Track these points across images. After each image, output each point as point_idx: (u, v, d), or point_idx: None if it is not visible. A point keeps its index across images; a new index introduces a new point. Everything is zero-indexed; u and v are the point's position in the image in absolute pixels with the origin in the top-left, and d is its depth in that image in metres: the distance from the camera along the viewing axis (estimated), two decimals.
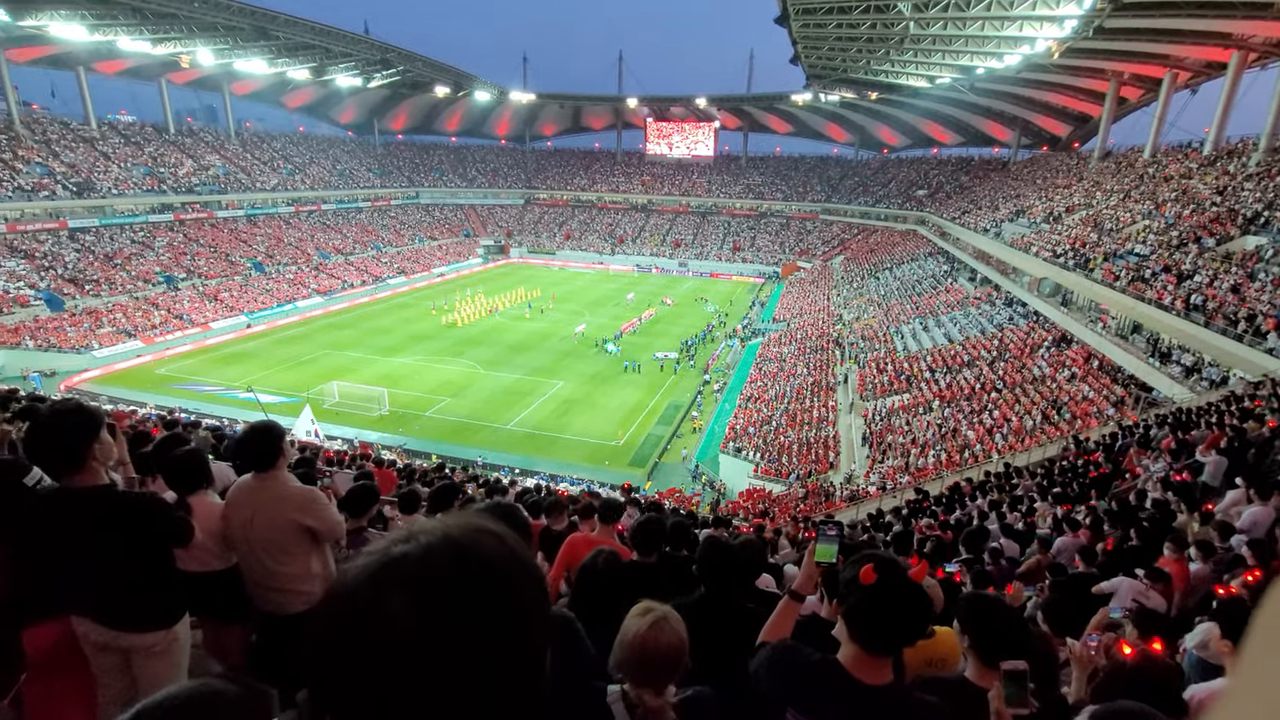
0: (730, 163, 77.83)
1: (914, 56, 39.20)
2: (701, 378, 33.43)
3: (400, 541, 0.64)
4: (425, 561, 0.61)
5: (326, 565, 3.47)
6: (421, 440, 25.07)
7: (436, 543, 0.63)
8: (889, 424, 22.62)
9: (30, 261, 37.25)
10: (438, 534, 0.64)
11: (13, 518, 2.58)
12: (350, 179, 66.58)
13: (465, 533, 0.65)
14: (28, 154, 42.71)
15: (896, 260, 47.86)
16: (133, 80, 53.09)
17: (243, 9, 39.82)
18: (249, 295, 43.21)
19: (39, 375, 28.72)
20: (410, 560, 0.61)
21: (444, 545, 0.63)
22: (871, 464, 20.44)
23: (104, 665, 2.73)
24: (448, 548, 0.63)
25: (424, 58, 56.29)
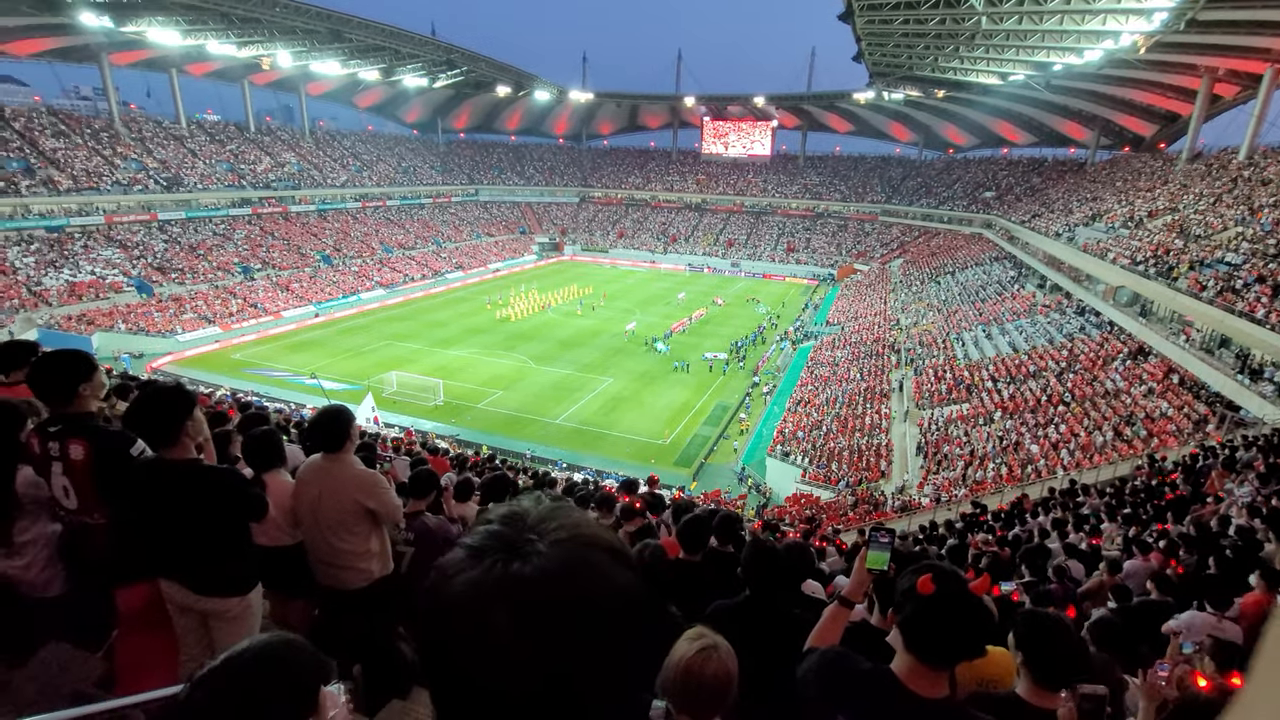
0: (787, 162, 76.60)
1: (985, 53, 37.60)
2: (750, 379, 33.08)
3: (510, 553, 0.61)
4: (541, 584, 0.59)
5: (384, 545, 3.65)
6: (473, 431, 25.75)
7: (553, 565, 0.61)
8: (946, 434, 21.84)
9: (124, 251, 40.17)
10: (555, 553, 0.61)
11: (119, 485, 2.82)
12: (414, 176, 68.89)
13: (582, 550, 0.63)
14: (125, 151, 46.03)
15: (959, 264, 46.09)
16: (218, 81, 56.46)
17: (320, 12, 41.75)
18: (317, 286, 45.33)
19: (128, 357, 30.95)
20: (526, 581, 0.59)
21: (561, 567, 0.61)
22: (925, 474, 19.79)
23: (185, 626, 2.96)
24: (565, 569, 0.61)
25: (487, 58, 57.66)
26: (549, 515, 0.66)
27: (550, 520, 0.65)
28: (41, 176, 39.55)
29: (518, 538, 0.63)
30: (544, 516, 0.66)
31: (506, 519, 0.66)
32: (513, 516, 0.66)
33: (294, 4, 40.73)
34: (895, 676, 1.57)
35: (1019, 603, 4.75)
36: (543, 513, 0.67)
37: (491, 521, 0.66)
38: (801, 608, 2.80)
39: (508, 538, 0.63)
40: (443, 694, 0.61)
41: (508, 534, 0.63)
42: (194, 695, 0.93)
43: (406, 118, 76.08)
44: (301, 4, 40.87)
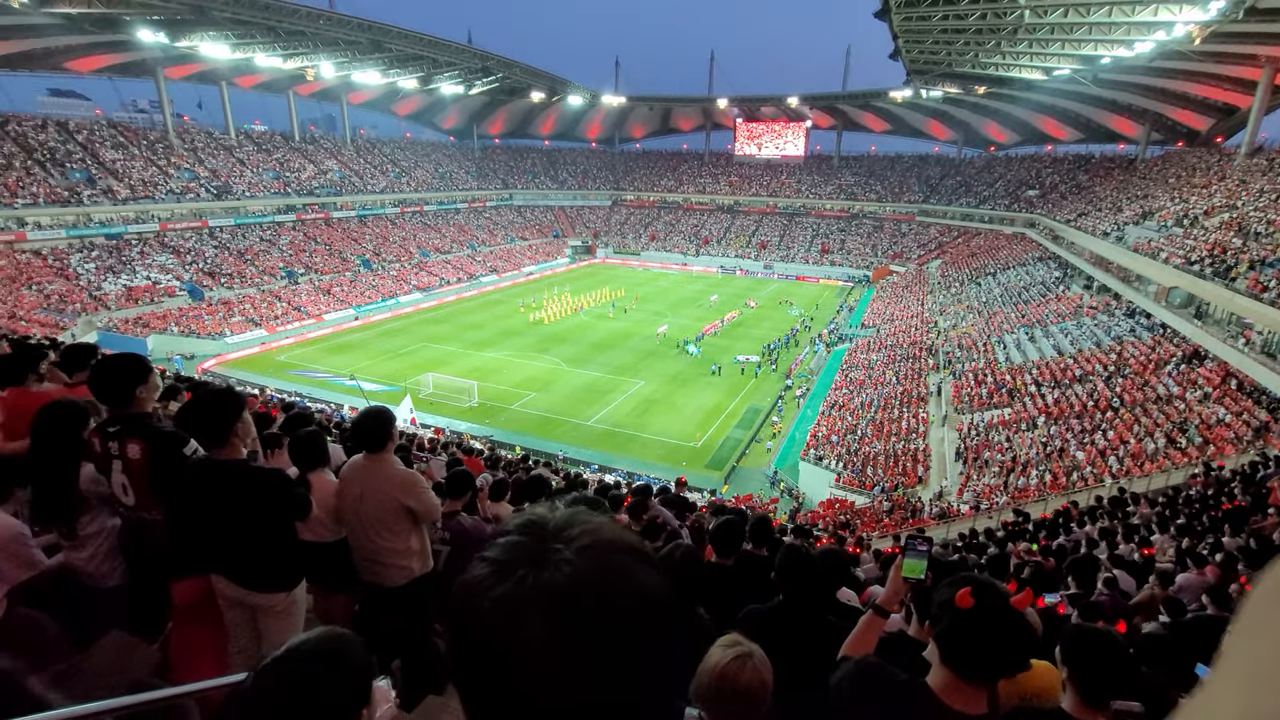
0: (821, 162, 75.65)
1: (1028, 47, 36.53)
2: (783, 382, 32.73)
3: (538, 564, 0.61)
4: (574, 593, 0.59)
5: (424, 543, 3.73)
6: (507, 432, 26.08)
7: (583, 573, 0.60)
8: (986, 439, 21.24)
9: (177, 256, 41.93)
10: (583, 561, 0.61)
11: (172, 483, 2.96)
12: (450, 181, 70.21)
13: (609, 555, 0.63)
14: (179, 161, 48.08)
15: (1001, 265, 44.80)
16: (265, 93, 58.54)
17: (361, 24, 42.97)
18: (357, 290, 46.55)
19: (180, 358, 32.27)
20: (558, 591, 0.59)
21: (591, 575, 0.61)
22: (965, 481, 19.28)
23: (235, 619, 3.08)
24: (595, 576, 0.61)
25: (521, 64, 58.46)
26: (569, 522, 0.66)
27: (571, 527, 0.65)
28: (102, 186, 41.60)
29: (542, 547, 0.62)
30: (564, 524, 0.65)
31: (526, 528, 0.65)
32: (532, 525, 0.66)
33: (337, 16, 42.06)
34: (931, 690, 1.54)
35: (1065, 615, 4.60)
36: (561, 520, 0.66)
37: (511, 532, 0.66)
38: (836, 615, 2.77)
39: (531, 548, 0.62)
40: (479, 707, 0.61)
41: (531, 544, 0.63)
42: (259, 683, 0.98)
43: (443, 124, 77.64)
44: (344, 16, 42.17)
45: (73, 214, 38.96)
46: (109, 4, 34.71)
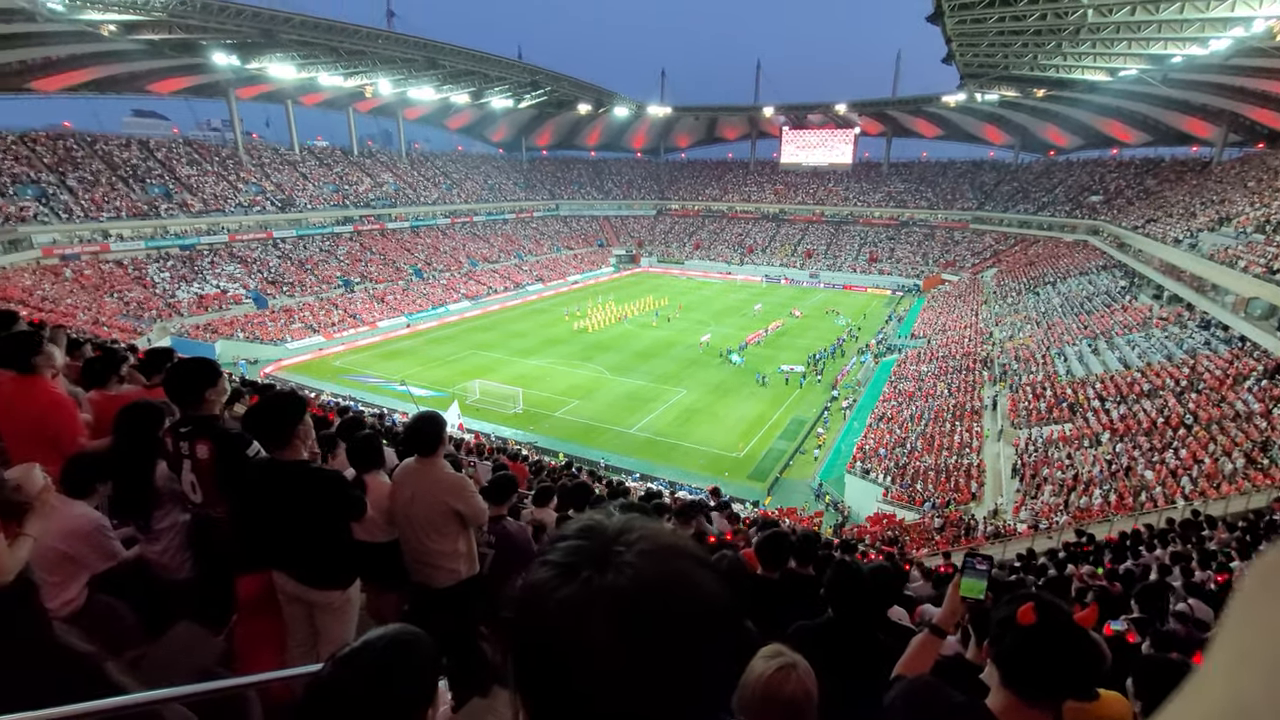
0: (870, 169, 74.20)
1: (1092, 48, 35.05)
2: (829, 393, 32.09)
3: (601, 566, 0.61)
4: (638, 595, 0.60)
5: (471, 546, 3.80)
6: (550, 439, 26.36)
7: (646, 576, 0.61)
8: (1045, 456, 20.30)
9: (244, 266, 44.19)
10: (646, 564, 0.62)
11: (236, 483, 3.11)
12: (499, 192, 71.89)
13: (672, 559, 0.64)
14: (247, 175, 50.76)
15: (1061, 274, 42.91)
16: (327, 110, 61.33)
17: (418, 42, 44.64)
18: (409, 298, 48.04)
19: (245, 363, 33.90)
20: (623, 593, 0.59)
21: (655, 578, 0.61)
22: (1022, 499, 18.46)
23: (293, 615, 3.20)
24: (659, 579, 0.61)
25: (569, 78, 59.51)
26: (628, 526, 0.66)
27: (630, 531, 0.65)
28: (178, 200, 44.26)
29: (604, 550, 0.63)
30: (623, 528, 0.66)
31: (585, 532, 0.66)
32: (591, 529, 0.66)
33: (394, 35, 43.84)
34: (991, 713, 1.48)
35: (1135, 644, 4.34)
36: (621, 524, 0.66)
37: (569, 536, 0.66)
38: (886, 633, 2.69)
39: (593, 551, 0.63)
40: (540, 708, 0.61)
41: (592, 547, 0.63)
42: (336, 673, 1.03)
43: (493, 137, 79.64)
44: (401, 35, 43.94)
45: (151, 226, 41.56)
46: (188, 30, 37.03)
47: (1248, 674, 0.30)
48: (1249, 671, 0.30)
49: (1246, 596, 0.33)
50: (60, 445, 3.45)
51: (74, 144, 43.06)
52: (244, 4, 35.97)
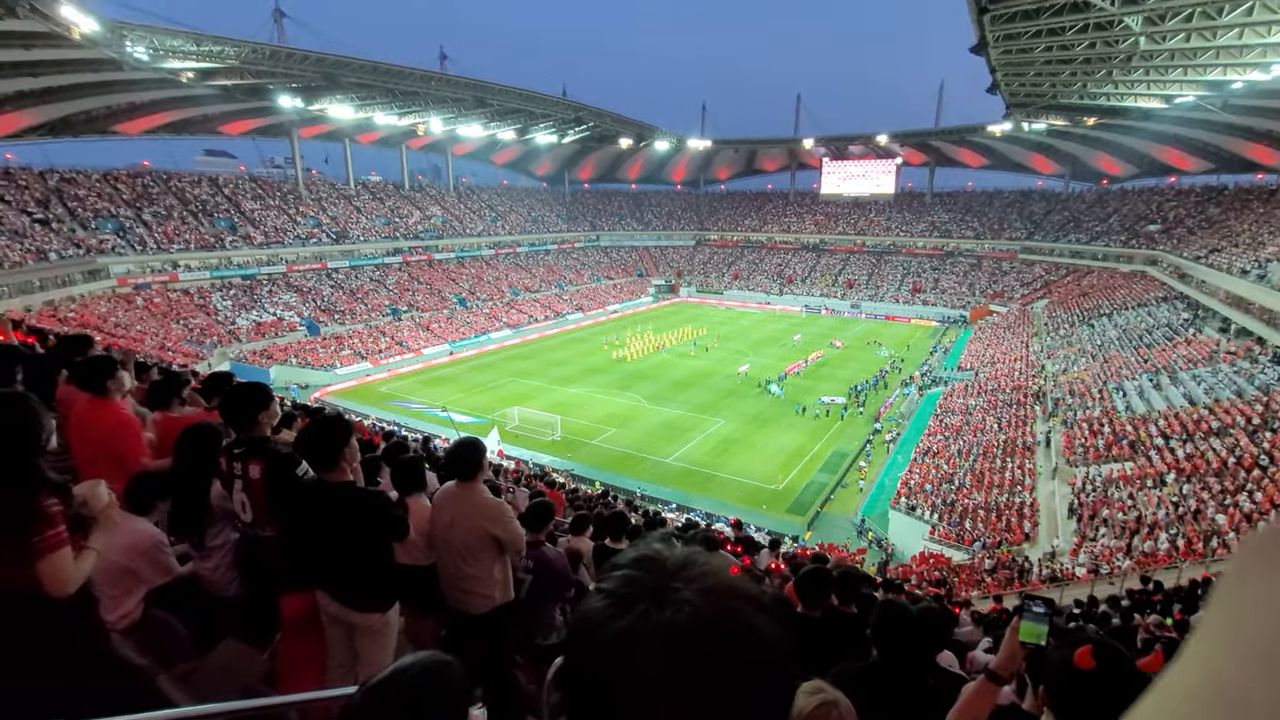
0: (912, 199, 73.33)
1: (1145, 75, 34.14)
2: (872, 426, 31.28)
3: (659, 601, 0.61)
4: (696, 633, 0.59)
5: (507, 573, 3.80)
6: (587, 467, 26.37)
7: (705, 614, 0.60)
8: (1104, 496, 19.23)
9: (300, 295, 46.19)
10: (705, 602, 0.61)
11: (285, 502, 3.21)
12: (541, 224, 73.71)
13: (730, 599, 0.63)
14: (305, 210, 53.43)
15: (1118, 305, 41.22)
16: (381, 147, 64.38)
17: (468, 83, 46.71)
18: (453, 326, 49.29)
19: (296, 387, 35.17)
20: (681, 630, 0.59)
21: (713, 617, 0.60)
22: (1080, 541, 17.47)
23: (334, 636, 3.25)
24: (718, 618, 0.61)
25: (611, 113, 61.10)
26: (689, 561, 0.66)
27: (691, 567, 0.65)
28: (241, 233, 46.81)
29: (662, 585, 0.62)
30: (684, 562, 0.65)
31: (644, 563, 0.65)
32: (650, 561, 0.66)
33: (446, 76, 46.03)
34: None
35: None
36: (682, 558, 0.66)
37: (627, 566, 0.66)
38: (934, 679, 2.56)
39: (650, 584, 0.62)
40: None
41: (650, 580, 0.63)
42: (367, 701, 1.05)
43: (537, 171, 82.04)
44: (453, 76, 46.12)
45: (216, 257, 43.99)
46: (257, 75, 39.64)
47: (1225, 654, 0.31)
48: (1226, 652, 0.31)
49: (1227, 582, 0.34)
50: (125, 464, 3.63)
51: (151, 181, 46.16)
52: (309, 50, 38.43)
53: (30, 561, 1.87)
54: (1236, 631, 0.31)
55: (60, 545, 1.94)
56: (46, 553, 1.90)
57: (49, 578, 1.92)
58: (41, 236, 35.26)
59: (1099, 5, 24.30)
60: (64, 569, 1.96)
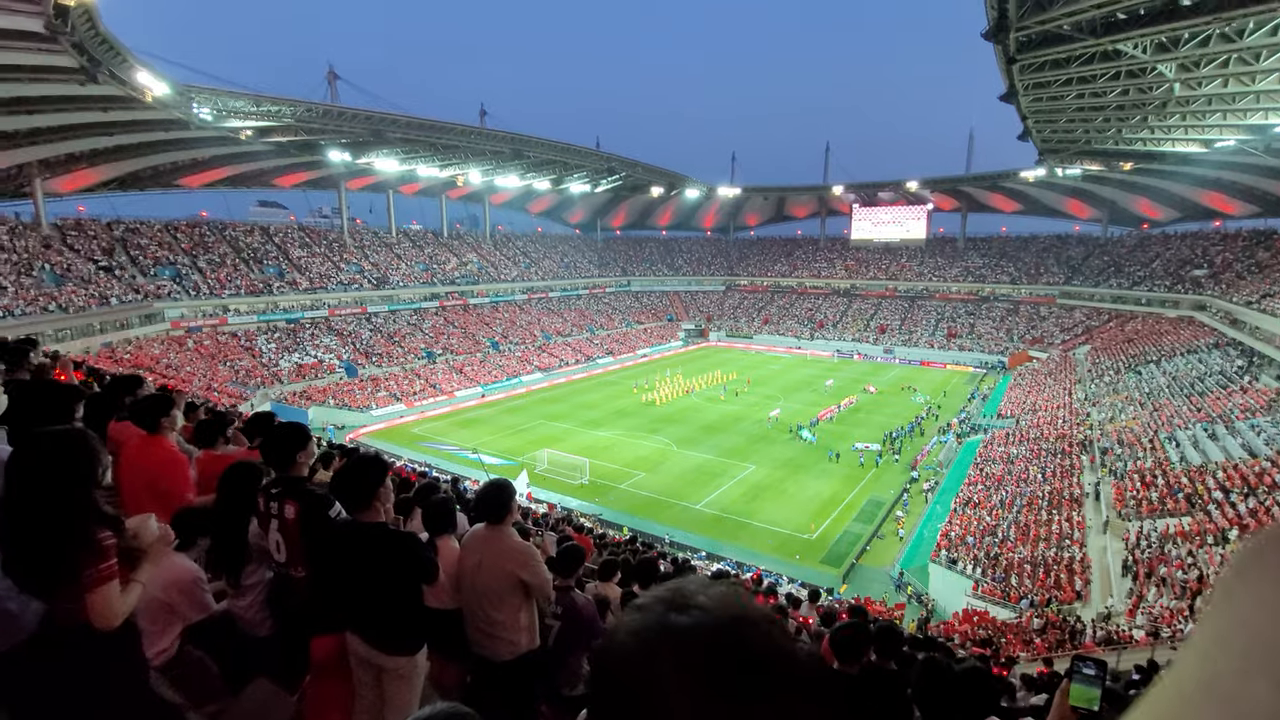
0: (945, 244, 72.85)
1: (1182, 120, 33.81)
2: (908, 474, 30.35)
3: (680, 607, 0.64)
4: (705, 632, 0.61)
5: (533, 620, 3.75)
6: (615, 512, 26.07)
7: (719, 613, 0.63)
8: (1161, 553, 18.15)
9: (340, 338, 47.68)
10: (718, 606, 0.64)
11: (317, 543, 3.26)
12: (573, 270, 75.28)
13: (739, 609, 0.65)
14: (349, 257, 55.67)
15: (1165, 352, 39.75)
16: (423, 197, 67.19)
17: (507, 136, 48.81)
18: (486, 369, 50.08)
19: (333, 428, 35.92)
20: (690, 629, 0.61)
21: (726, 618, 0.63)
22: (1137, 601, 16.43)
23: (362, 679, 3.23)
24: (729, 620, 0.63)
25: (643, 164, 62.87)
26: (709, 584, 0.70)
27: (711, 588, 0.69)
28: (288, 279, 48.88)
29: (681, 597, 0.66)
30: (704, 585, 0.69)
31: (668, 588, 0.70)
32: (675, 586, 0.70)
33: (486, 130, 48.19)
34: None
35: None
36: (703, 582, 0.70)
37: (655, 591, 0.70)
38: None
39: (671, 599, 0.66)
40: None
41: (671, 596, 0.67)
42: None
43: (570, 219, 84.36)
44: (492, 130, 48.26)
45: (264, 302, 45.90)
46: (310, 132, 42.09)
47: (1221, 655, 0.31)
48: (1222, 653, 0.31)
49: (1224, 583, 0.35)
50: (170, 500, 3.75)
51: (207, 231, 48.83)
52: (359, 109, 40.82)
53: (82, 594, 1.94)
54: (1235, 632, 0.31)
55: (110, 578, 2.01)
56: (97, 585, 1.97)
57: (97, 610, 1.99)
58: (105, 283, 37.37)
59: (1131, 53, 24.34)
60: (112, 602, 2.02)
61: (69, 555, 1.94)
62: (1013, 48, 25.40)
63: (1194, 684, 0.31)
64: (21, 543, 1.95)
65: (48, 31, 20.61)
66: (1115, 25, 22.96)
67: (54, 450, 2.04)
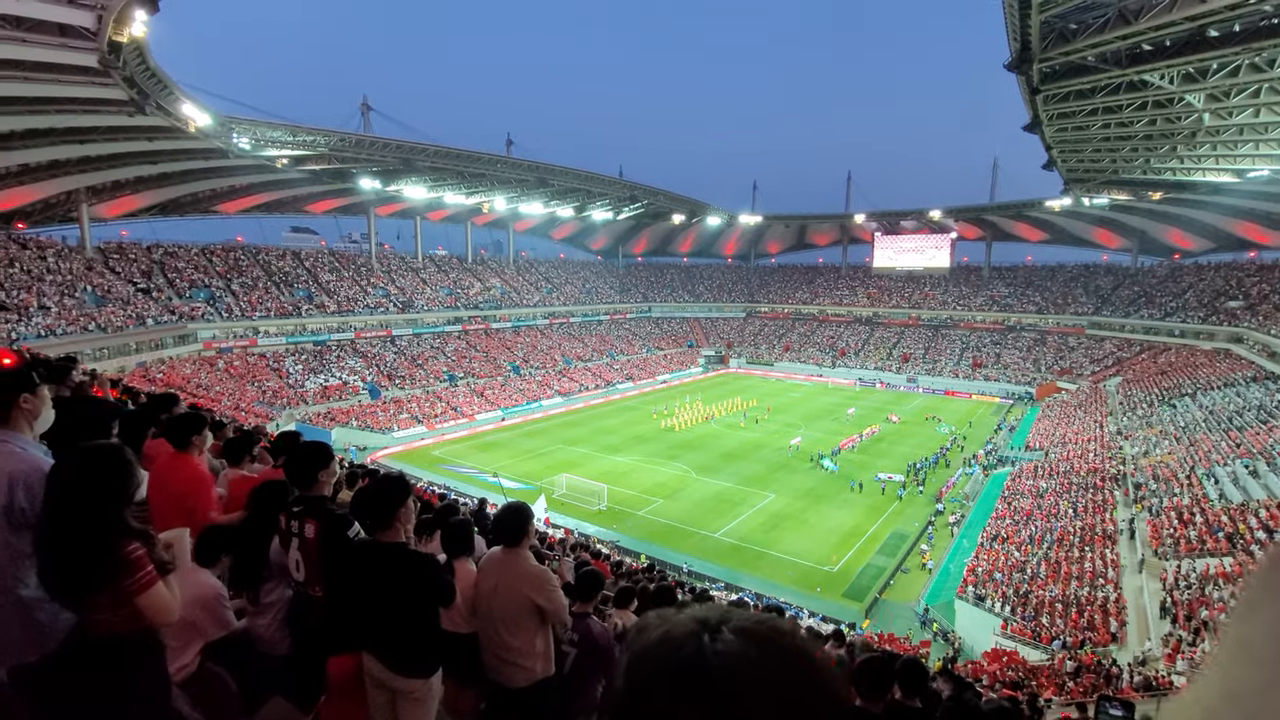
0: (969, 274, 72.16)
1: (1212, 150, 33.37)
2: (933, 506, 29.64)
3: (696, 634, 0.62)
4: (733, 669, 0.59)
5: (548, 646, 3.71)
6: (633, 539, 25.80)
7: (750, 650, 0.61)
8: (1202, 594, 17.38)
9: (365, 360, 48.49)
10: (744, 640, 0.62)
11: (336, 563, 3.28)
12: (595, 295, 75.96)
13: (770, 631, 0.64)
14: (376, 281, 56.90)
15: (1201, 385, 38.60)
16: (449, 224, 68.71)
17: (532, 165, 49.92)
18: (506, 393, 50.42)
19: (355, 449, 36.30)
20: (721, 663, 0.59)
21: (757, 632, 0.62)
22: (1177, 645, 15.71)
23: (376, 701, 3.22)
24: (753, 646, 0.61)
25: (665, 192, 63.65)
26: (737, 611, 0.69)
27: (738, 609, 0.68)
28: (317, 302, 50.04)
29: (702, 628, 0.64)
30: (731, 607, 0.69)
31: (696, 612, 0.69)
32: (705, 607, 0.69)
33: (512, 160, 49.41)
34: None
35: None
36: (729, 606, 0.70)
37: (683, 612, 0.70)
38: None
39: (703, 616, 0.65)
40: None
41: (703, 613, 0.66)
42: None
43: (593, 246, 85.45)
44: (518, 159, 49.49)
45: (293, 324, 47.00)
46: (343, 160, 43.50)
47: (1245, 668, 0.31)
48: (1246, 665, 0.31)
49: (1248, 595, 0.35)
50: (195, 517, 3.82)
51: (242, 255, 50.37)
52: (390, 138, 42.15)
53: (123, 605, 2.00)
54: (1259, 645, 0.30)
55: (152, 583, 2.08)
56: (142, 591, 2.05)
57: (153, 610, 2.08)
58: (142, 304, 38.62)
59: (1157, 84, 24.19)
60: (164, 599, 2.11)
61: (99, 567, 1.99)
62: (1036, 79, 25.41)
63: (1217, 696, 0.31)
64: (56, 553, 2.01)
65: (101, 66, 21.73)
66: (1140, 56, 22.87)
67: (90, 464, 2.11)
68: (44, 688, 2.08)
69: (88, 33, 19.64)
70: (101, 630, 2.00)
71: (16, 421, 2.27)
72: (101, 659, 2.04)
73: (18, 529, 2.11)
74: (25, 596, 2.07)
